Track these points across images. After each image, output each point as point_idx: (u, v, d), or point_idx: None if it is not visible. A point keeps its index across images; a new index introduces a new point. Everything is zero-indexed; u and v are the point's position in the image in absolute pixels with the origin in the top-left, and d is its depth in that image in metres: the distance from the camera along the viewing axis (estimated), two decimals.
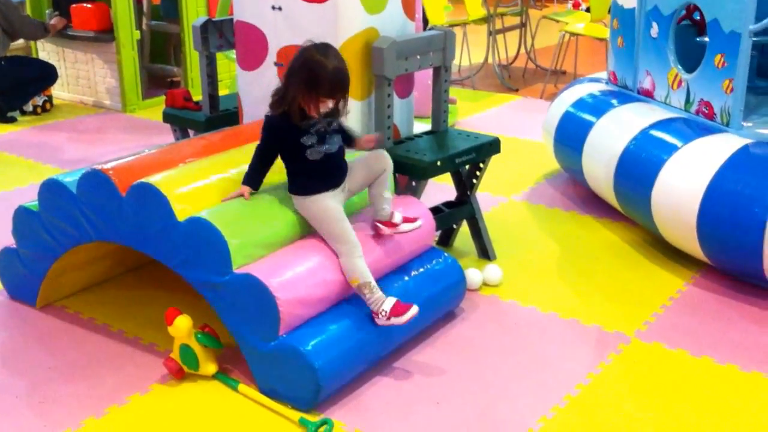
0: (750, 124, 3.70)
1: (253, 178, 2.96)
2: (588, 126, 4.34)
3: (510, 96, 7.04)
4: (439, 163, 3.48)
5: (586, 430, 2.65)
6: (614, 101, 4.42)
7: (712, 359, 3.04)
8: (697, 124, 3.83)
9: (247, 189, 2.93)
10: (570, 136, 4.51)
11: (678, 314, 3.38)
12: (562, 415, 2.71)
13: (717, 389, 2.87)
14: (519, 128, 5.95)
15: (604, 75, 4.90)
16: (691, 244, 3.58)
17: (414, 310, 2.85)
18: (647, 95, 4.32)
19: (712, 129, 3.72)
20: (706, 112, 3.85)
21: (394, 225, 3.06)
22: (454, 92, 6.16)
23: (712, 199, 3.41)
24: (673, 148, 3.70)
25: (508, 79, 7.61)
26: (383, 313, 2.83)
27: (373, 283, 2.86)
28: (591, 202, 4.51)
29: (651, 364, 3.03)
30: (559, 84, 7.16)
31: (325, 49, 2.82)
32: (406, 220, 3.10)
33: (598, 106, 4.47)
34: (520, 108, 6.69)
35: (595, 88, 4.71)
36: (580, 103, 4.62)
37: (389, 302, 2.84)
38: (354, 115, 3.45)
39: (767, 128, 3.65)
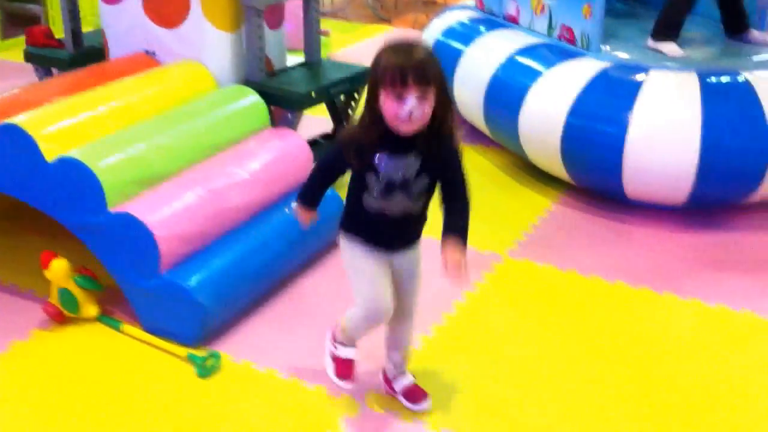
0: (608, 48, 3.88)
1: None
2: (458, 54, 4.43)
3: (383, 27, 7.06)
4: (313, 93, 3.50)
5: (465, 345, 2.80)
6: (482, 28, 4.52)
7: (576, 271, 3.24)
8: (559, 49, 3.98)
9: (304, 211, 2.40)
10: (442, 65, 4.58)
11: (546, 232, 3.57)
12: (441, 333, 2.85)
13: (584, 299, 3.07)
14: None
15: (473, 2, 4.98)
16: (557, 166, 3.77)
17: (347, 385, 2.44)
18: (513, 21, 4.45)
19: (573, 54, 3.88)
20: (567, 37, 4.00)
21: (392, 391, 2.50)
22: (326, 24, 6.15)
23: (575, 122, 3.58)
24: (536, 74, 3.84)
25: (381, 10, 7.62)
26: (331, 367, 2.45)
27: (354, 341, 2.41)
28: (465, 129, 4.63)
29: (522, 279, 3.21)
30: (430, 13, 7.23)
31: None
32: (412, 395, 2.46)
33: (466, 33, 4.57)
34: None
35: (464, 16, 4.80)
36: (450, 32, 4.70)
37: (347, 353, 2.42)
38: (224, 47, 3.41)
39: (625, 52, 3.83)
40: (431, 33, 4.85)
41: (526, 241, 3.49)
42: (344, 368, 2.42)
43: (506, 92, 3.95)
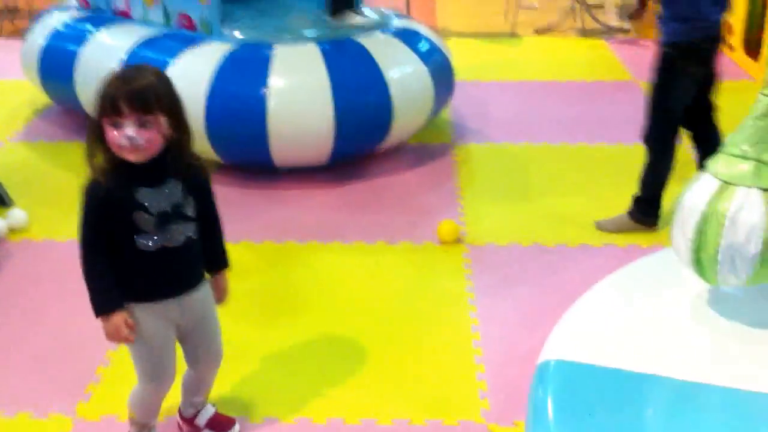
0: (227, 30, 4.02)
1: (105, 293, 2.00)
2: (73, 56, 4.25)
3: None
4: None
5: None
6: (91, 27, 4.37)
7: (248, 240, 3.38)
8: (181, 36, 4.03)
9: (117, 317, 1.98)
10: (57, 70, 4.36)
11: None
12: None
13: (262, 263, 3.22)
14: None
15: (73, 2, 4.78)
16: (203, 147, 3.84)
17: None
18: (124, 15, 4.39)
19: (196, 39, 3.96)
20: (186, 24, 4.07)
21: (194, 428, 2.32)
22: None
23: (215, 105, 3.68)
24: (165, 63, 3.85)
25: None
26: None
27: (152, 426, 2.24)
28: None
29: None
30: (16, 21, 6.78)
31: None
32: (219, 426, 2.32)
33: (77, 34, 4.38)
34: None
35: (67, 16, 4.60)
36: (57, 35, 4.47)
37: None
38: None
39: (244, 32, 4.00)
40: (35, 39, 4.57)
41: None
42: None
43: None
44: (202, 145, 3.82)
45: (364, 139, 3.86)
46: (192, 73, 3.76)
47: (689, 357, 2.18)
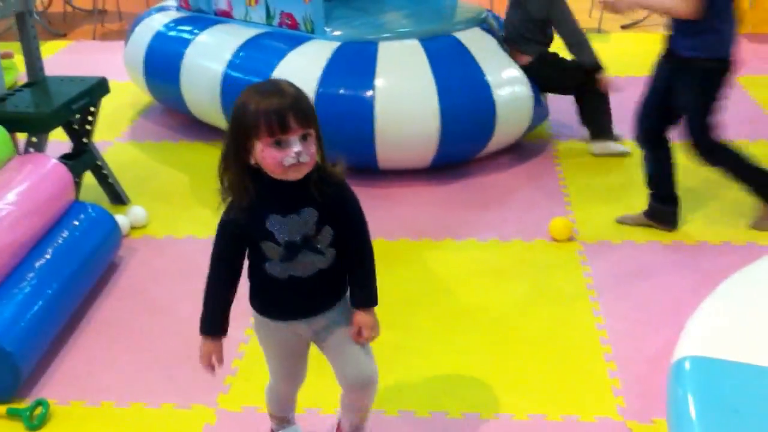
0: (329, 29, 4.08)
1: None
2: (178, 57, 4.35)
3: (61, 42, 6.65)
4: (58, 111, 3.27)
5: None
6: (194, 28, 4.48)
7: None
8: (286, 36, 4.10)
9: (209, 345, 1.97)
10: (163, 71, 4.47)
11: None
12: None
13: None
14: (90, 70, 5.68)
15: (171, 3, 4.89)
16: None
17: None
18: (226, 16, 4.48)
19: (301, 39, 4.02)
20: (289, 23, 4.14)
21: None
22: (4, 46, 5.69)
23: (323, 105, 3.71)
24: (272, 64, 3.92)
25: (51, 25, 7.14)
26: None
27: (290, 419, 2.27)
28: (195, 128, 4.57)
29: None
30: (107, 23, 6.98)
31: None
32: None
33: (181, 35, 4.49)
34: (78, 51, 6.37)
35: (168, 18, 4.71)
36: (160, 37, 4.58)
37: None
38: None
39: (346, 29, 4.05)
40: (138, 40, 4.69)
41: None
42: None
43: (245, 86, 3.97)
44: None
45: (467, 142, 3.87)
46: (300, 73, 3.80)
47: None
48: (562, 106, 4.50)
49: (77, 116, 3.57)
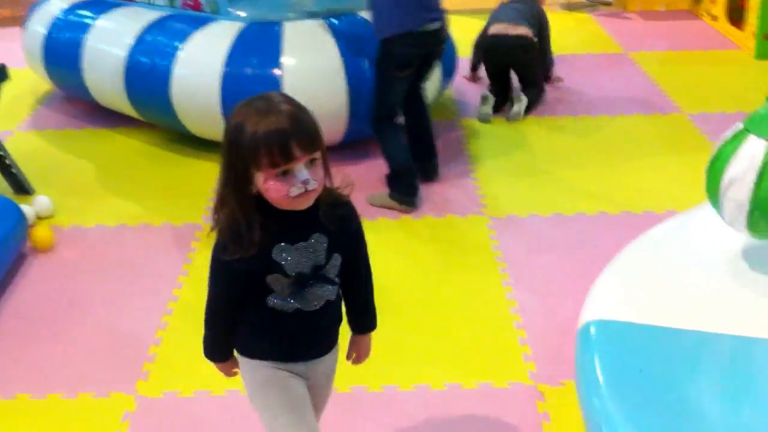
0: (233, 9, 4.04)
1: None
2: (79, 43, 4.23)
3: None
4: None
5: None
6: (94, 12, 4.36)
7: None
8: (189, 18, 4.06)
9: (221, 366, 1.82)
10: (63, 58, 4.35)
11: None
12: (174, 321, 2.81)
13: None
14: None
15: None
16: (220, 131, 3.86)
17: None
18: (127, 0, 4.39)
19: (204, 20, 3.99)
20: (192, 4, 4.10)
21: None
22: None
23: (230, 86, 3.72)
24: (176, 47, 3.88)
25: None
26: None
27: None
28: (98, 115, 4.47)
29: None
30: (15, 9, 6.75)
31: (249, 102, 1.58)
32: None
33: (80, 20, 4.37)
34: None
35: (68, 3, 4.57)
36: (59, 23, 4.44)
37: None
38: None
39: (251, 9, 4.04)
40: (35, 28, 4.54)
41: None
42: None
43: (150, 71, 3.92)
44: (219, 129, 3.85)
45: None
46: (206, 56, 3.79)
47: (729, 312, 2.31)
48: (466, 88, 4.61)
49: None
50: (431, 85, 4.05)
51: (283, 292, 1.63)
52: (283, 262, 1.60)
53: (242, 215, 1.54)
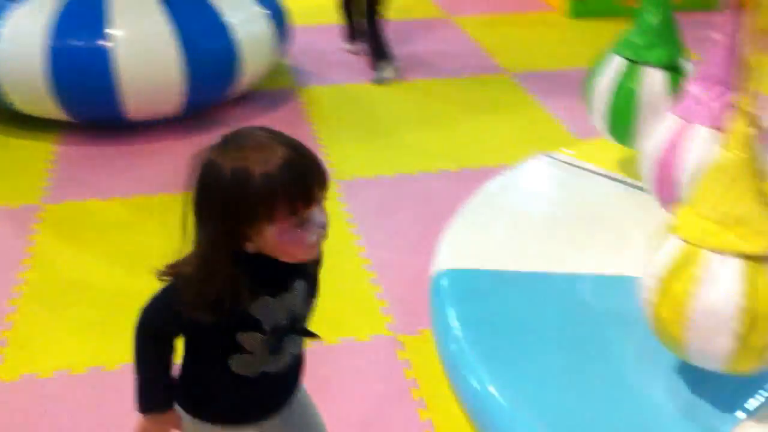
0: None
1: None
2: None
3: None
4: None
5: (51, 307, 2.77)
6: None
7: (119, 197, 3.37)
8: None
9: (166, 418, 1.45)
10: None
11: (68, 173, 3.57)
12: (24, 305, 2.73)
13: (136, 217, 3.24)
14: None
15: None
16: (51, 109, 3.72)
17: None
18: None
19: None
20: None
21: None
22: None
23: (58, 62, 3.58)
24: None
25: None
26: None
27: None
28: None
29: (76, 218, 3.23)
30: None
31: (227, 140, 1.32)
32: None
33: None
34: None
35: None
36: None
37: None
38: None
39: None
40: None
41: (53, 185, 3.46)
42: None
43: None
44: (47, 106, 3.72)
45: (214, 85, 3.91)
46: (26, 29, 3.64)
47: (563, 252, 2.54)
48: (304, 55, 4.65)
49: None
50: (264, 50, 4.07)
51: (256, 351, 1.36)
52: (260, 317, 1.33)
53: (232, 282, 1.26)
